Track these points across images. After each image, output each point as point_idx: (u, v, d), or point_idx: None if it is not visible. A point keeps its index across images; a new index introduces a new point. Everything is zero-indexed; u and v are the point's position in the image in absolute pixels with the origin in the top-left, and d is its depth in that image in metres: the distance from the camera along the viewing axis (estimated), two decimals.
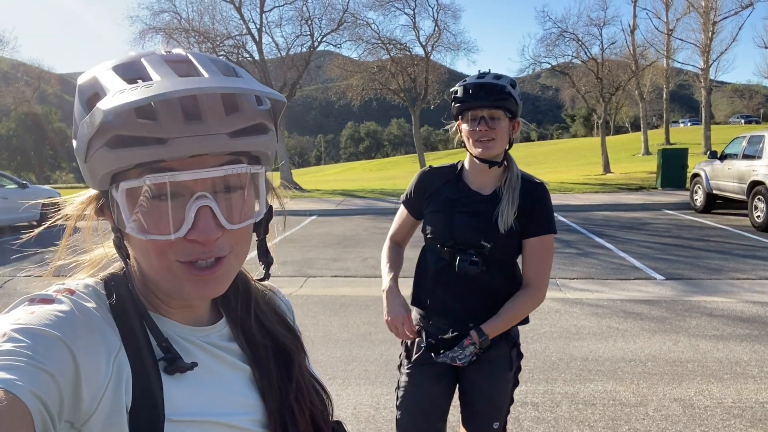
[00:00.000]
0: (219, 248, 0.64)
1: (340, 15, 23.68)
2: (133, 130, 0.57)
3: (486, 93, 1.76)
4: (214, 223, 0.62)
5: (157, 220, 0.61)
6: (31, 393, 0.51)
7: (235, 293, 0.82)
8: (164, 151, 0.57)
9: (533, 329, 4.90)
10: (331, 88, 29.77)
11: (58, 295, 0.63)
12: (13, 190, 12.05)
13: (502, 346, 1.89)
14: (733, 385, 3.72)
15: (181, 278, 0.65)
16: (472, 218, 1.83)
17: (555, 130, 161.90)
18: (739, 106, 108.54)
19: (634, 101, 39.22)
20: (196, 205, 0.61)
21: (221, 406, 0.71)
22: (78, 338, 0.58)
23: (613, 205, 13.54)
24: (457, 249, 1.82)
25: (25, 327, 0.56)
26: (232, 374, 0.75)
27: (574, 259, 7.83)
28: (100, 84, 0.61)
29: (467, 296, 1.86)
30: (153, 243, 0.63)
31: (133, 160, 0.58)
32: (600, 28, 25.29)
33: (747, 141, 10.69)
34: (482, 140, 1.77)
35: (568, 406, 3.47)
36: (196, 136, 0.58)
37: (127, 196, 0.61)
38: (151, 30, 22.45)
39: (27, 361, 0.53)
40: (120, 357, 0.62)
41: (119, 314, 0.66)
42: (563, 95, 37.75)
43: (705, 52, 28.40)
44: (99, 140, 0.58)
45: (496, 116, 1.77)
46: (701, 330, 4.80)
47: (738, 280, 6.43)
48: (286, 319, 0.89)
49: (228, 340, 0.78)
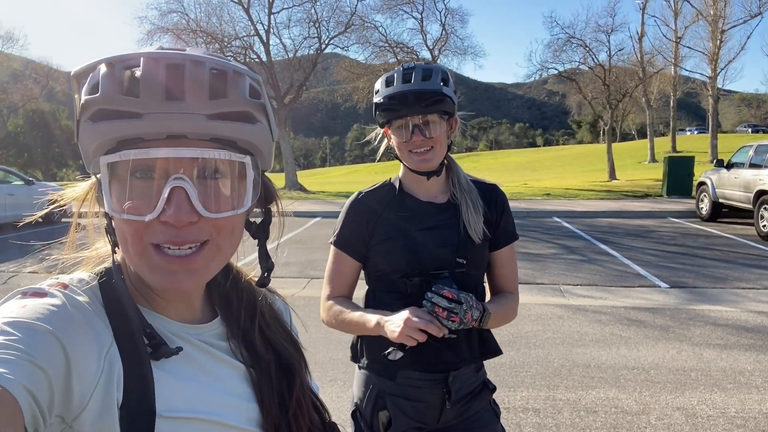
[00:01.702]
0: (193, 234, 0.63)
1: (348, 18, 23.78)
2: (114, 104, 0.59)
3: (416, 99, 1.46)
4: (188, 205, 0.61)
5: (133, 201, 0.62)
6: (22, 386, 0.50)
7: (238, 300, 0.82)
8: (140, 125, 0.59)
9: (536, 335, 4.89)
10: (337, 91, 29.86)
11: (51, 289, 0.63)
12: (20, 186, 12.13)
13: (483, 396, 1.62)
14: (737, 394, 3.70)
15: (153, 264, 0.64)
16: (436, 233, 1.53)
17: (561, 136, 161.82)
18: (746, 115, 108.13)
19: (641, 108, 39.17)
20: (170, 185, 0.61)
21: (214, 403, 0.70)
22: (69, 332, 0.58)
23: (618, 212, 13.49)
24: (429, 276, 1.49)
25: (16, 320, 0.56)
26: (226, 372, 0.75)
27: (578, 266, 7.80)
28: (93, 67, 0.63)
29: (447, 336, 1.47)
30: (129, 225, 0.62)
31: (111, 134, 0.59)
32: (608, 34, 25.29)
33: (754, 150, 10.66)
34: (418, 152, 1.50)
35: (569, 413, 3.46)
36: (172, 113, 0.59)
37: (110, 175, 0.61)
38: (160, 30, 22.58)
39: (18, 355, 0.52)
40: (111, 352, 0.62)
41: (111, 308, 0.66)
42: (570, 101, 37.78)
43: (713, 60, 28.29)
44: (84, 114, 0.60)
45: (432, 120, 1.49)
46: (705, 339, 4.77)
47: (743, 289, 6.39)
48: (290, 333, 0.88)
49: (222, 339, 0.77)
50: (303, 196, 19.90)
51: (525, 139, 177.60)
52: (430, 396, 1.55)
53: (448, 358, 1.53)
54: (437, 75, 1.49)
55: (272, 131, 0.69)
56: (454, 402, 1.54)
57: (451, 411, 1.56)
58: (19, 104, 33.84)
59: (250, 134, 0.64)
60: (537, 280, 6.90)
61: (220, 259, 0.68)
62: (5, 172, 12.58)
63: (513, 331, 4.97)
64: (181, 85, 0.59)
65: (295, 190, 22.14)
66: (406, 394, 1.54)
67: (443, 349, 1.51)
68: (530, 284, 6.72)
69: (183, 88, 0.59)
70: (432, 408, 1.55)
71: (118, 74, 0.60)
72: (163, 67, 0.60)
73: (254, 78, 0.67)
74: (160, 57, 0.60)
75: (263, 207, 0.77)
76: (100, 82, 0.59)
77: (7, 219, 11.33)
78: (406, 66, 1.53)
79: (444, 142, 1.53)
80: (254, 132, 0.65)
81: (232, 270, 0.84)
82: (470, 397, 1.59)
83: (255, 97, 0.65)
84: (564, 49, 25.09)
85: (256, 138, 0.66)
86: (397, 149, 1.55)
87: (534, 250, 8.93)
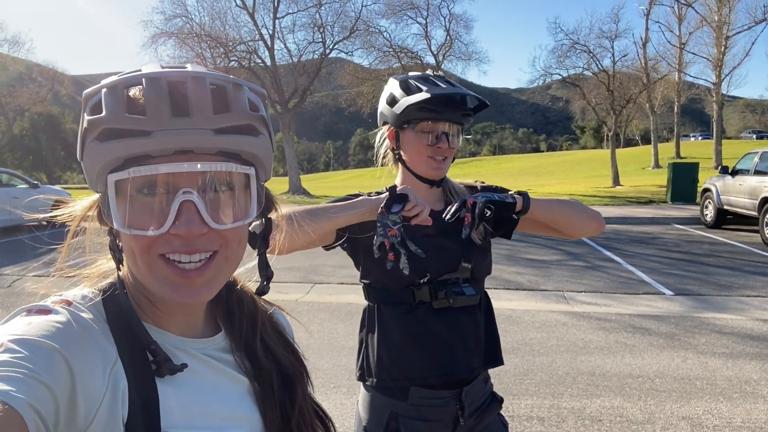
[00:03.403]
0: (203, 244, 0.64)
1: (352, 23, 23.87)
2: (121, 123, 0.59)
3: (459, 104, 1.46)
4: (198, 218, 0.62)
5: (142, 216, 0.62)
6: (28, 405, 0.50)
7: (240, 312, 0.82)
8: (149, 143, 0.59)
9: (540, 342, 4.87)
10: (341, 95, 29.93)
11: (56, 306, 0.63)
12: (24, 189, 12.17)
13: (493, 408, 1.60)
14: (743, 404, 3.67)
15: (163, 277, 0.64)
16: (439, 239, 1.50)
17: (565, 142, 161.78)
18: (751, 121, 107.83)
19: (645, 114, 39.10)
20: (179, 199, 0.62)
21: (218, 418, 0.70)
22: (75, 350, 0.58)
23: (622, 218, 13.45)
24: (436, 283, 1.46)
25: (22, 338, 0.56)
26: (229, 386, 0.75)
27: (582, 272, 7.78)
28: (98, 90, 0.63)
29: (455, 344, 1.47)
30: (136, 240, 0.63)
31: (119, 152, 0.60)
32: (611, 40, 25.32)
33: (759, 157, 10.63)
34: (437, 159, 1.49)
35: (574, 422, 3.44)
36: (180, 129, 0.60)
37: (116, 192, 0.62)
38: (164, 34, 22.70)
39: (24, 373, 0.52)
40: (116, 369, 0.62)
41: (115, 325, 0.66)
42: (573, 107, 37.68)
43: (717, 66, 28.24)
44: (90, 134, 0.61)
45: (455, 131, 1.50)
46: (710, 347, 4.75)
47: (748, 297, 6.36)
48: (291, 343, 0.88)
49: (225, 352, 0.77)
50: (307, 200, 19.93)
51: (528, 144, 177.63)
52: (443, 414, 1.52)
53: (461, 367, 1.50)
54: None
55: (272, 142, 0.71)
56: (467, 417, 1.52)
57: (464, 426, 1.53)
58: (26, 107, 34.03)
59: (253, 146, 0.65)
60: (541, 287, 6.88)
61: (228, 270, 0.69)
62: (10, 176, 12.64)
63: (517, 339, 4.95)
64: (185, 101, 0.61)
65: (299, 194, 22.18)
66: (420, 415, 1.49)
67: (457, 353, 1.48)
68: (534, 291, 6.70)
69: (188, 104, 0.60)
70: (445, 426, 1.52)
71: (121, 94, 0.61)
72: (165, 85, 0.61)
73: (254, 89, 0.69)
74: (161, 76, 0.62)
75: (263, 217, 0.78)
76: (104, 102, 0.60)
77: (13, 222, 11.37)
78: (430, 74, 1.51)
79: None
80: (257, 144, 0.66)
81: (233, 280, 0.84)
82: (481, 410, 1.57)
83: (254, 110, 0.66)
84: (568, 55, 25.13)
85: (259, 150, 0.67)
86: (410, 153, 1.51)
87: (538, 257, 8.91)
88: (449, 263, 1.49)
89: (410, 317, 1.46)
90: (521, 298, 6.41)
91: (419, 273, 1.46)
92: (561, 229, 1.59)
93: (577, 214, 1.57)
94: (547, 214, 1.55)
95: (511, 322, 5.40)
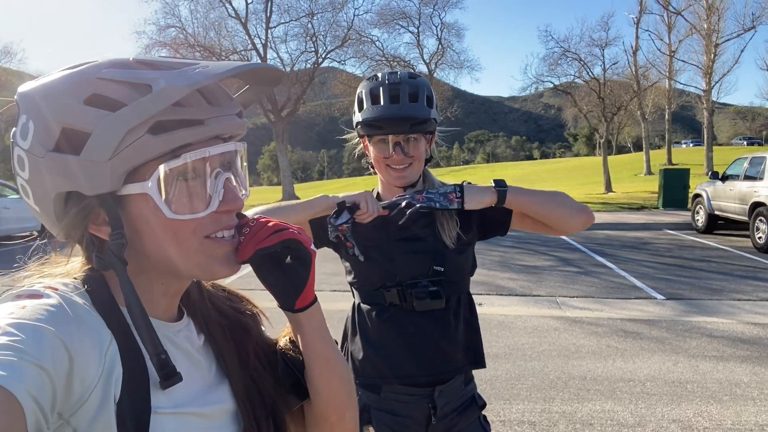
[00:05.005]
0: (233, 219, 0.72)
1: (344, 32, 23.96)
2: (172, 115, 0.62)
3: (403, 121, 1.44)
4: (236, 192, 0.70)
5: (186, 201, 0.66)
6: (26, 391, 0.50)
7: (194, 285, 0.83)
8: (205, 131, 0.64)
9: (532, 347, 4.87)
10: (334, 104, 30.03)
11: (46, 290, 0.63)
12: (16, 200, 12.09)
13: (470, 413, 1.57)
14: (733, 407, 3.68)
15: (214, 255, 0.69)
16: (411, 243, 1.52)
17: (558, 149, 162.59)
18: (741, 127, 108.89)
19: (636, 121, 39.43)
20: (222, 178, 0.68)
21: (196, 396, 0.72)
22: (72, 333, 0.58)
23: (615, 224, 13.52)
24: (406, 286, 1.48)
25: (19, 321, 0.56)
26: (205, 364, 0.77)
27: (575, 278, 7.81)
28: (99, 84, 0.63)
29: (426, 345, 1.49)
30: (182, 224, 0.66)
31: (176, 143, 0.63)
32: (602, 48, 25.61)
33: (749, 162, 10.71)
34: (396, 168, 1.50)
35: (565, 426, 3.44)
36: (220, 116, 0.66)
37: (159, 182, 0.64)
38: (158, 44, 22.69)
39: (23, 357, 0.52)
40: (111, 350, 0.63)
41: (105, 309, 0.66)
42: (566, 114, 37.98)
43: (707, 73, 28.51)
44: (140, 129, 0.61)
45: (413, 138, 1.48)
46: (701, 351, 4.77)
47: (739, 301, 6.40)
48: (234, 291, 0.90)
49: (197, 332, 0.79)
50: None
51: (522, 152, 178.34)
52: (415, 411, 1.53)
53: (428, 368, 1.51)
54: (423, 94, 1.47)
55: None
56: (439, 417, 1.52)
57: (438, 426, 1.53)
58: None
59: (245, 127, 0.74)
60: (533, 292, 6.90)
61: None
62: (1, 186, 12.57)
63: (509, 344, 4.95)
64: (213, 92, 0.67)
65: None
66: (391, 409, 1.53)
67: (425, 354, 1.49)
68: (527, 296, 6.71)
69: (216, 94, 0.67)
70: (417, 423, 1.53)
71: None
72: None
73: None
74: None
75: None
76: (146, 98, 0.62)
77: (4, 232, 11.30)
78: (392, 80, 1.49)
79: (423, 158, 1.53)
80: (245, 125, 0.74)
81: None
82: (457, 412, 1.56)
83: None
84: (559, 63, 25.40)
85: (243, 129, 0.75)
86: (374, 162, 1.55)
87: (530, 262, 8.93)
88: (420, 267, 1.50)
89: (383, 318, 1.49)
90: (514, 303, 6.41)
91: (389, 276, 1.50)
92: (548, 223, 1.55)
93: (563, 205, 1.54)
94: (530, 206, 1.52)
95: (503, 328, 5.40)
